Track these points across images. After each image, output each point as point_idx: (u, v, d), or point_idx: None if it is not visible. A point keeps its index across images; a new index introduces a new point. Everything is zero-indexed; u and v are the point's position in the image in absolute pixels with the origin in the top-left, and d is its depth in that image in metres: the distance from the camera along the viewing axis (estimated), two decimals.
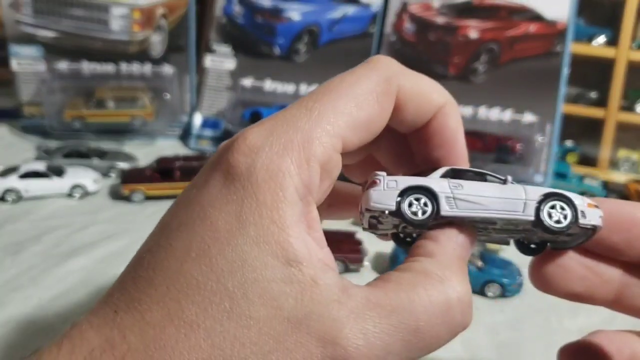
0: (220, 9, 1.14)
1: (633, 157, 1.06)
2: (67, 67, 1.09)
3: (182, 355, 0.25)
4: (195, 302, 0.25)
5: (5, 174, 0.88)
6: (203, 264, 0.25)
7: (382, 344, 0.26)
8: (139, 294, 0.26)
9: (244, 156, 0.27)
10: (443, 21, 1.03)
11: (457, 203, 0.30)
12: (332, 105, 0.28)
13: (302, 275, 0.26)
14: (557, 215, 0.30)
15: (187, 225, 0.26)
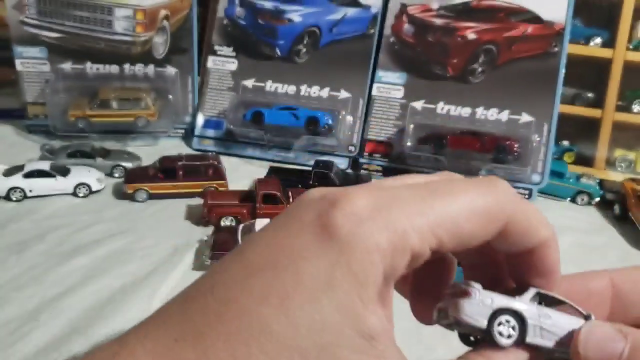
0: (222, 10, 1.15)
1: (629, 156, 1.07)
2: (71, 68, 1.10)
3: None
4: (264, 351, 0.25)
5: (10, 173, 0.88)
6: (282, 314, 0.25)
7: None
8: (205, 328, 0.25)
9: (347, 221, 0.27)
10: (441, 22, 1.04)
11: (542, 333, 0.31)
12: (446, 207, 0.29)
13: (373, 349, 0.26)
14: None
15: (270, 268, 0.26)
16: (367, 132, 1.05)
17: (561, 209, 0.97)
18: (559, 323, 0.31)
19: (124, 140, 1.08)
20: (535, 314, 0.31)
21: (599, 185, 1.01)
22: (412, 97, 1.04)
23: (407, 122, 1.03)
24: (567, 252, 0.32)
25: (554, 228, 0.32)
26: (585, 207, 0.98)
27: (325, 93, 1.09)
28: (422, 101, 1.04)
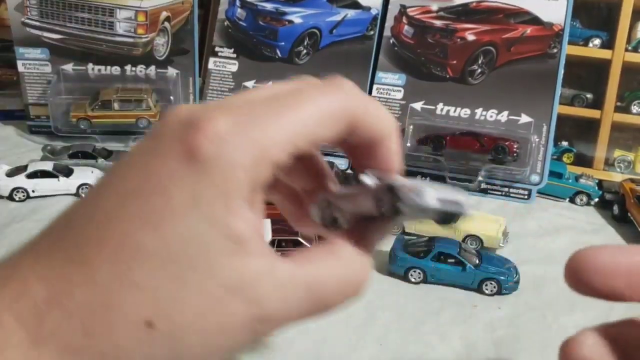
0: (223, 12, 1.15)
1: (628, 157, 1.07)
2: (72, 69, 1.11)
3: (127, 313, 0.28)
4: (143, 267, 0.28)
5: (13, 174, 0.89)
6: (155, 233, 0.28)
7: (296, 308, 0.31)
8: (89, 253, 0.28)
9: (210, 142, 0.29)
10: (441, 24, 1.05)
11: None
12: (298, 117, 0.32)
13: (242, 250, 0.30)
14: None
15: (143, 193, 0.29)
16: None
17: (560, 210, 0.97)
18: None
19: (125, 141, 1.08)
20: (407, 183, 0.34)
21: (598, 186, 1.01)
22: (411, 98, 1.05)
23: (406, 123, 1.04)
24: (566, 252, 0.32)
25: (396, 123, 0.37)
26: (584, 207, 0.99)
27: None
28: (421, 102, 1.04)
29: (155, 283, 0.28)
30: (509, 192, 1.00)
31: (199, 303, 0.28)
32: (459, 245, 0.71)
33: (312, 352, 0.55)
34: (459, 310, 0.65)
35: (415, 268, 0.69)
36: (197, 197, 0.29)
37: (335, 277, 0.33)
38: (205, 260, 0.29)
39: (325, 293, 0.32)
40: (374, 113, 0.35)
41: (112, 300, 0.28)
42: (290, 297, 0.31)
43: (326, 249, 0.34)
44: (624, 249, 0.33)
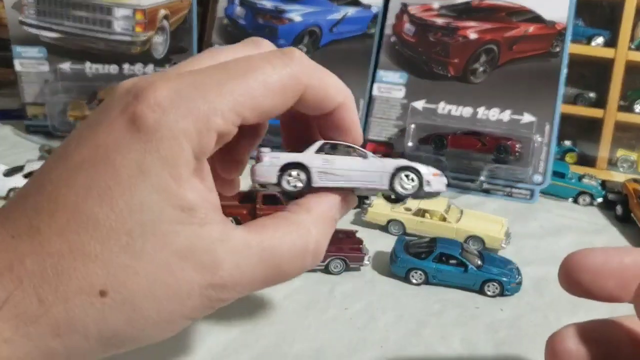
0: (222, 10, 1.14)
1: (631, 157, 1.06)
2: (70, 68, 1.10)
3: (79, 282, 0.28)
4: (94, 237, 0.28)
5: (10, 174, 0.88)
6: (105, 204, 0.28)
7: (250, 275, 0.32)
8: (39, 223, 0.28)
9: (152, 111, 0.29)
10: (442, 22, 1.04)
11: (327, 176, 0.37)
12: (243, 86, 0.32)
13: (193, 218, 0.30)
14: (407, 184, 0.38)
15: (90, 164, 0.29)
16: (367, 132, 1.05)
17: (563, 210, 0.96)
18: (341, 165, 0.37)
19: None
20: (318, 162, 0.37)
21: (601, 186, 1.00)
22: (413, 97, 1.04)
23: (407, 122, 1.03)
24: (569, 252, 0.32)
25: (349, 92, 0.38)
26: (587, 207, 0.98)
27: None
28: (423, 101, 1.03)
29: (107, 253, 0.28)
30: (511, 192, 0.99)
31: (152, 270, 0.29)
32: (460, 246, 0.70)
33: (312, 353, 0.54)
34: (461, 311, 0.64)
35: (416, 269, 0.68)
36: (144, 167, 0.29)
37: (289, 242, 0.33)
38: (156, 229, 0.29)
39: (280, 259, 0.33)
40: (328, 83, 0.36)
41: (64, 269, 0.28)
42: (244, 263, 0.31)
43: (281, 216, 0.35)
44: (615, 250, 0.33)
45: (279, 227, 0.34)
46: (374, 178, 0.38)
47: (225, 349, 0.55)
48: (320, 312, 0.62)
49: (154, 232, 0.29)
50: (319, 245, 0.35)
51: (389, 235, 0.80)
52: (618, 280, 0.32)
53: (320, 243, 0.35)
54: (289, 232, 0.34)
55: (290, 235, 0.34)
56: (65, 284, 0.28)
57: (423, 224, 0.80)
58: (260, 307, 0.62)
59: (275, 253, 0.33)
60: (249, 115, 0.32)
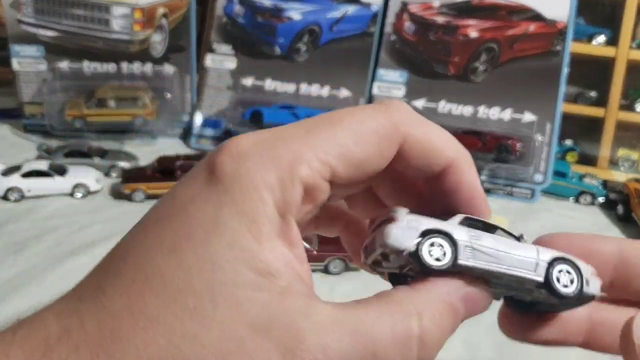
0: (220, 8, 1.14)
1: (633, 156, 1.06)
2: (68, 67, 1.10)
3: (138, 349, 0.25)
4: (159, 297, 0.25)
5: (7, 173, 0.88)
6: (173, 260, 0.25)
7: (339, 358, 0.26)
8: (105, 283, 0.26)
9: (231, 160, 0.27)
10: (443, 21, 1.03)
11: (474, 254, 0.29)
12: (331, 134, 0.28)
13: (273, 285, 0.26)
14: (564, 279, 0.30)
15: (164, 220, 0.27)
16: None
17: (564, 209, 0.96)
18: (492, 243, 0.30)
19: (121, 140, 1.07)
20: (465, 235, 0.29)
21: (602, 186, 1.00)
22: (413, 95, 1.03)
23: None
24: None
25: (463, 149, 0.31)
26: (588, 207, 0.98)
27: (326, 92, 1.08)
28: (423, 100, 1.03)
29: (171, 317, 0.25)
30: (512, 192, 0.98)
31: (221, 343, 0.25)
32: None
33: None
34: None
35: None
36: (219, 221, 0.26)
37: (388, 324, 0.27)
38: (228, 293, 0.25)
39: (375, 344, 0.26)
40: (432, 135, 0.31)
41: (122, 334, 0.25)
42: (331, 343, 0.26)
43: (381, 294, 0.29)
44: (588, 236, 0.32)
45: (375, 305, 0.28)
46: (528, 265, 0.30)
47: None
48: None
49: (225, 297, 0.25)
50: (427, 335, 0.28)
51: None
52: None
53: (430, 333, 0.28)
54: (389, 312, 0.27)
55: (390, 316, 0.27)
56: (122, 352, 0.25)
57: None
58: None
59: (369, 335, 0.27)
60: (339, 166, 0.28)
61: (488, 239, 0.30)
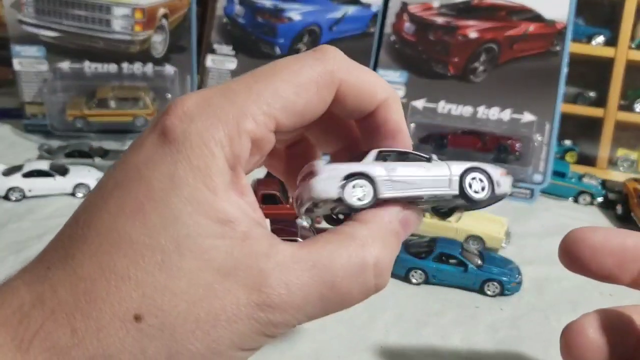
0: (221, 9, 1.14)
1: (632, 156, 1.06)
2: (69, 67, 1.10)
3: (113, 306, 0.26)
4: (127, 256, 0.26)
5: (9, 173, 0.88)
6: (137, 220, 0.27)
7: (301, 294, 0.28)
8: (73, 250, 0.27)
9: (180, 121, 0.28)
10: (443, 21, 1.04)
11: (394, 185, 0.33)
12: (273, 87, 0.30)
13: (233, 232, 0.28)
14: (476, 186, 0.34)
15: (122, 185, 0.28)
16: None
17: (563, 209, 0.96)
18: (406, 171, 0.33)
19: (122, 140, 1.07)
20: (382, 170, 0.33)
21: (601, 185, 1.00)
22: (413, 96, 1.04)
23: (407, 121, 1.03)
24: None
25: (393, 90, 0.34)
26: (588, 207, 0.98)
27: None
28: (423, 100, 1.03)
29: (141, 273, 0.26)
30: (512, 192, 0.98)
31: (191, 290, 0.26)
32: (461, 246, 0.70)
33: (313, 354, 0.54)
34: (461, 311, 0.64)
35: (416, 269, 0.68)
36: (176, 179, 0.27)
37: (343, 256, 0.29)
38: (192, 244, 0.27)
39: (334, 275, 0.29)
40: (366, 79, 0.33)
41: (96, 294, 0.26)
42: (293, 280, 0.28)
43: (334, 231, 0.31)
44: (617, 231, 0.33)
45: (331, 241, 0.30)
46: (442, 183, 0.33)
47: None
48: None
49: (190, 248, 0.27)
50: (380, 261, 0.30)
51: None
52: (617, 259, 0.32)
53: (382, 259, 0.30)
54: (343, 246, 0.30)
55: (345, 249, 0.30)
56: (99, 310, 0.26)
57: (423, 224, 0.80)
58: None
59: (327, 269, 0.29)
60: (282, 116, 0.30)
61: (403, 168, 0.33)
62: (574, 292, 0.68)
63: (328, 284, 0.29)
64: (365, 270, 0.30)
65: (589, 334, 0.32)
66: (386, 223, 0.32)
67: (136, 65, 1.11)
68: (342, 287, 0.29)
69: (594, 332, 0.32)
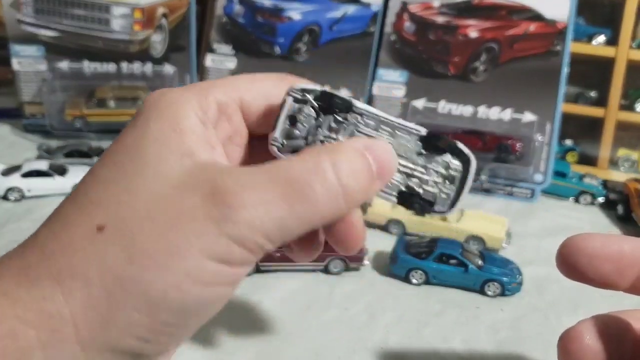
0: (220, 8, 1.14)
1: (633, 156, 1.06)
2: (68, 67, 1.10)
3: (81, 227, 0.29)
4: (99, 190, 0.30)
5: (7, 173, 0.88)
6: (110, 164, 0.31)
7: (258, 192, 0.29)
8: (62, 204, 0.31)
9: (156, 94, 0.33)
10: (443, 20, 1.03)
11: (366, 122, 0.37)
12: (233, 78, 0.36)
13: (195, 160, 0.31)
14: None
15: (105, 155, 0.32)
16: None
17: (564, 209, 0.96)
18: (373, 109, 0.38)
19: None
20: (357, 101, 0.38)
21: (602, 186, 1.00)
22: (413, 95, 1.03)
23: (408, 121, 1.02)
24: None
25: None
26: (588, 207, 0.98)
27: None
28: (423, 100, 1.03)
29: (109, 197, 0.30)
30: (512, 192, 0.98)
31: (150, 203, 0.29)
32: (461, 246, 0.70)
33: (312, 354, 0.54)
34: (461, 312, 0.64)
35: (416, 269, 0.68)
36: (147, 130, 0.31)
37: (299, 160, 0.31)
38: (155, 169, 0.30)
39: (291, 174, 0.30)
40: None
41: (69, 222, 0.29)
42: (249, 181, 0.30)
43: (303, 151, 0.34)
44: (614, 237, 0.33)
45: (294, 157, 0.32)
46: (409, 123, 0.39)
47: (225, 348, 0.55)
48: (320, 312, 0.61)
49: (152, 173, 0.29)
50: (338, 163, 0.31)
51: (389, 235, 0.80)
52: (615, 265, 0.32)
53: (339, 162, 0.31)
54: (304, 158, 0.31)
55: (300, 156, 0.31)
56: (67, 230, 0.29)
57: (423, 224, 0.80)
58: (260, 307, 0.62)
59: (283, 169, 0.30)
60: (245, 93, 0.35)
61: (368, 106, 0.37)
62: (575, 292, 0.67)
63: (284, 180, 0.30)
64: (321, 165, 0.31)
65: (586, 340, 0.32)
66: (350, 145, 0.33)
67: (135, 65, 1.11)
68: (299, 182, 0.30)
69: (591, 338, 0.32)
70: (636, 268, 0.32)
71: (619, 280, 0.32)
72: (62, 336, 0.27)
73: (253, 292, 0.64)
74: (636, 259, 0.32)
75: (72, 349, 0.27)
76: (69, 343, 0.27)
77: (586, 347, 0.32)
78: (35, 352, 0.26)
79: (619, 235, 0.34)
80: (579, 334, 0.32)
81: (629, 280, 0.32)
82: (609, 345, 0.32)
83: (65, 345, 0.27)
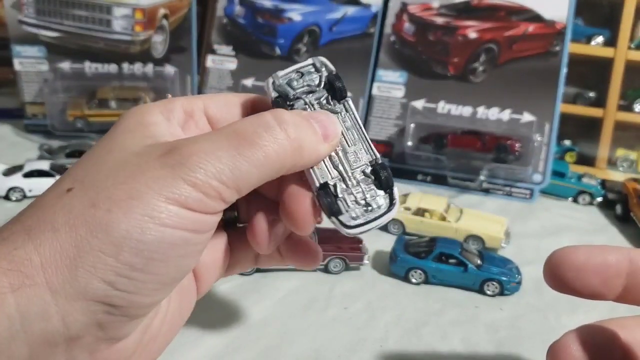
0: (221, 9, 1.14)
1: (631, 156, 1.06)
2: (69, 67, 1.10)
3: (52, 190, 0.33)
4: (79, 175, 0.33)
5: (9, 173, 0.88)
6: (88, 156, 0.35)
7: (208, 142, 0.33)
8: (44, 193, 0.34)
9: (132, 108, 0.38)
10: (442, 21, 1.04)
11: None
12: (195, 95, 0.42)
13: (156, 140, 0.35)
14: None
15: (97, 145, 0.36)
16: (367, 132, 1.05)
17: (563, 209, 0.96)
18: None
19: None
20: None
21: (600, 185, 1.00)
22: (412, 96, 1.04)
23: (407, 121, 1.03)
24: None
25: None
26: (587, 207, 0.98)
27: None
28: (422, 100, 1.03)
29: (76, 169, 0.34)
30: (511, 192, 0.99)
31: (111, 167, 0.33)
32: (460, 246, 0.70)
33: (312, 353, 0.54)
34: (461, 311, 0.64)
35: (416, 269, 0.68)
36: (119, 128, 0.36)
37: (249, 119, 0.35)
38: (120, 148, 0.34)
39: (238, 126, 0.34)
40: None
41: (47, 200, 0.32)
42: (200, 137, 0.34)
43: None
44: (598, 248, 0.33)
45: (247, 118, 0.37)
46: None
47: (225, 348, 0.55)
48: (320, 311, 0.62)
49: (118, 150, 0.34)
50: (280, 116, 0.35)
51: (389, 235, 0.80)
52: (601, 277, 0.32)
53: (281, 116, 0.35)
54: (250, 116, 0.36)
55: (249, 116, 0.36)
56: (39, 198, 0.33)
57: (423, 224, 0.80)
58: (260, 306, 0.62)
59: (233, 125, 0.35)
60: (211, 104, 0.39)
61: (356, 110, 0.43)
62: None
63: (233, 131, 0.34)
64: (265, 118, 0.35)
65: (573, 352, 0.32)
66: (296, 112, 0.38)
67: (136, 66, 1.12)
68: (247, 131, 0.34)
69: (578, 350, 0.32)
70: (622, 278, 0.32)
71: (606, 291, 0.32)
72: (31, 281, 0.28)
73: (253, 291, 0.65)
74: (621, 270, 0.32)
75: (42, 294, 0.28)
76: (39, 288, 0.29)
77: (573, 358, 0.32)
78: (7, 296, 0.28)
79: (603, 245, 0.34)
80: (566, 345, 0.32)
81: (615, 290, 0.32)
82: (597, 355, 0.32)
83: (36, 289, 0.28)
